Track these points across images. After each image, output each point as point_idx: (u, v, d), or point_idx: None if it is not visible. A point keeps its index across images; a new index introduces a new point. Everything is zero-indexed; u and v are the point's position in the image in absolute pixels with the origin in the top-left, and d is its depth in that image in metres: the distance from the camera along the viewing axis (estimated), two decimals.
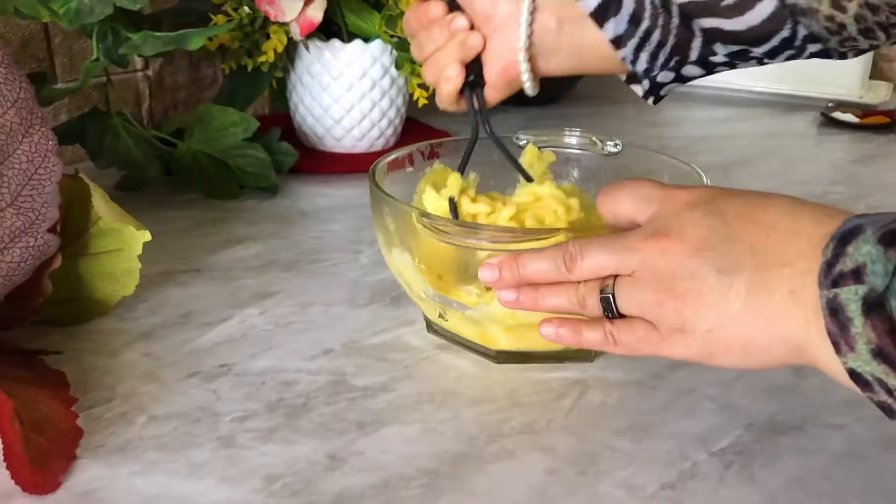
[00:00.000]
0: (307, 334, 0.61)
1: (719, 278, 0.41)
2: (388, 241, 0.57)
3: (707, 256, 0.41)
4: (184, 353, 0.58)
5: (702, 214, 0.43)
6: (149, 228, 0.79)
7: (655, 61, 0.57)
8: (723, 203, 0.43)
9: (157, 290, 0.67)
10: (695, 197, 0.44)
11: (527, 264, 0.47)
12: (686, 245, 0.42)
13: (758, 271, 0.40)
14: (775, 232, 0.41)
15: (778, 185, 0.96)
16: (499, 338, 0.55)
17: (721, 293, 0.41)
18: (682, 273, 0.42)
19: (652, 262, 0.43)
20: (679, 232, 0.43)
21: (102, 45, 0.82)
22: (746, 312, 0.41)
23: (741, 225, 0.42)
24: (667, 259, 0.42)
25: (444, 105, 0.60)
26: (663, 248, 0.42)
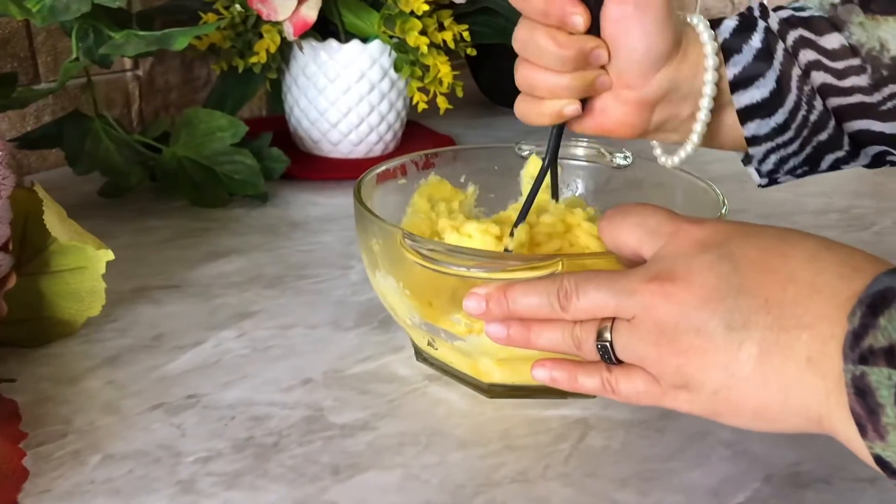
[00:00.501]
0: (285, 361, 0.56)
1: (728, 335, 0.36)
2: (372, 262, 0.53)
3: (715, 309, 0.36)
4: (150, 381, 0.53)
5: (713, 259, 0.38)
6: (127, 239, 0.75)
7: (783, 165, 0.52)
8: (738, 246, 0.38)
9: (129, 308, 0.62)
10: (707, 236, 0.39)
11: (517, 298, 0.42)
12: (693, 293, 0.37)
13: (772, 331, 0.35)
14: (793, 286, 0.36)
15: (798, 198, 0.91)
16: (491, 370, 0.50)
17: (730, 352, 0.36)
18: (686, 326, 0.37)
19: (654, 310, 0.38)
20: (686, 277, 0.37)
21: (83, 44, 0.78)
22: (758, 376, 0.36)
23: (756, 275, 0.37)
24: (670, 307, 0.37)
25: (528, 121, 0.50)
26: (667, 294, 0.37)
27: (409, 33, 0.85)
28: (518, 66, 0.48)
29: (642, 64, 0.47)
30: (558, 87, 0.47)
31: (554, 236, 0.54)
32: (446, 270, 0.44)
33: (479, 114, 1.19)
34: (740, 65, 0.49)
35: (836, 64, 0.48)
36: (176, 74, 1.04)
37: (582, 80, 0.47)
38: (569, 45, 0.46)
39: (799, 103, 0.49)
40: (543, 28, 0.46)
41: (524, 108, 0.50)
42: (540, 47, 0.46)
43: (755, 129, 0.50)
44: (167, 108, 1.03)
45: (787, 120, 0.50)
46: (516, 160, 0.65)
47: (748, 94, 0.49)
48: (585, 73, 0.47)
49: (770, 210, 0.87)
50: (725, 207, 0.53)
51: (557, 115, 0.48)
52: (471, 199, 0.65)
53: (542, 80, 0.47)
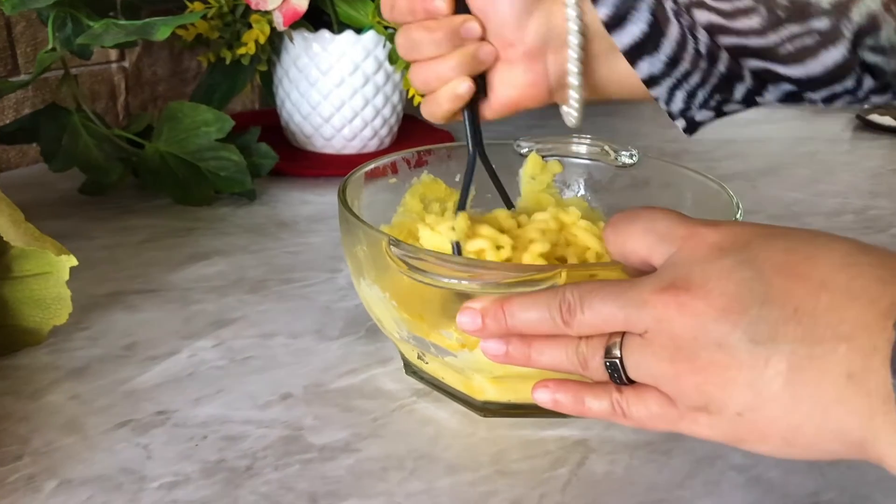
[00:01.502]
0: (264, 374, 0.52)
1: (753, 350, 0.32)
2: (357, 269, 0.49)
3: (738, 321, 0.33)
4: (118, 396, 0.49)
5: (733, 264, 0.34)
6: (106, 240, 0.72)
7: (693, 100, 0.48)
8: (760, 249, 0.34)
9: (102, 314, 0.59)
10: (725, 239, 0.35)
11: (515, 312, 0.38)
12: (711, 304, 0.33)
13: (804, 344, 0.32)
14: (827, 293, 0.32)
15: (811, 198, 0.86)
16: (485, 388, 0.47)
17: (755, 369, 0.32)
18: (705, 340, 0.33)
19: (668, 323, 0.34)
20: (702, 286, 0.34)
21: (60, 33, 0.74)
22: (788, 395, 0.32)
23: (783, 281, 0.33)
24: (686, 320, 0.33)
25: (437, 119, 0.51)
26: (682, 304, 0.34)
27: None
28: (410, 73, 0.50)
29: (511, 16, 0.47)
30: (445, 71, 0.48)
31: (547, 233, 0.50)
32: (435, 283, 0.40)
33: None
34: (609, 4, 0.46)
35: (722, 4, 0.44)
36: (164, 66, 1.00)
37: (463, 55, 0.47)
38: (438, 27, 0.47)
39: (684, 35, 0.46)
40: (415, 24, 0.48)
41: (427, 108, 0.50)
42: (416, 42, 0.48)
43: (648, 68, 0.47)
44: (155, 101, 1.00)
45: (676, 51, 0.46)
46: (515, 158, 0.61)
47: (627, 32, 0.46)
48: (465, 49, 0.47)
49: (782, 210, 0.83)
50: (740, 211, 0.49)
51: (454, 98, 0.48)
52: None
53: (430, 71, 0.48)
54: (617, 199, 0.61)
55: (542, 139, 0.62)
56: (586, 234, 0.50)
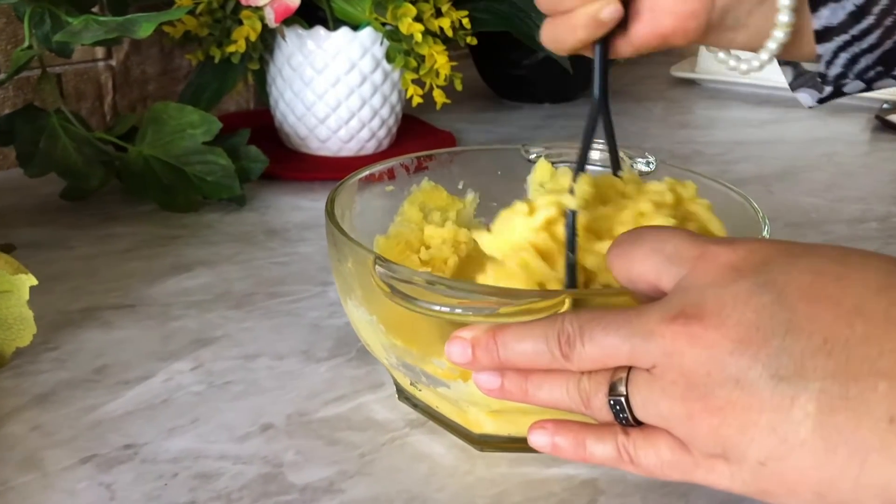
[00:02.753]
0: (244, 401, 0.48)
1: (776, 388, 0.28)
2: (344, 287, 0.45)
3: (757, 354, 0.28)
4: (84, 426, 0.45)
5: (750, 288, 0.30)
6: (85, 249, 0.67)
7: (853, 66, 0.42)
8: (782, 270, 0.30)
9: (73, 332, 0.54)
10: (740, 258, 0.31)
11: (508, 344, 0.34)
12: (726, 334, 0.29)
13: (836, 381, 0.27)
14: (862, 320, 0.28)
15: (831, 204, 0.82)
16: (482, 421, 0.42)
17: (780, 410, 0.28)
18: (720, 376, 0.29)
19: (678, 356, 0.30)
20: (716, 313, 0.29)
21: (39, 30, 0.70)
22: (819, 442, 0.28)
23: (809, 307, 0.29)
24: (698, 353, 0.29)
25: (563, 50, 0.41)
26: (693, 335, 0.29)
27: (402, 20, 0.77)
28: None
29: None
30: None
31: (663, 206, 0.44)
32: (421, 310, 0.36)
33: (482, 107, 1.11)
34: None
35: None
36: (154, 64, 0.96)
37: None
38: None
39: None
40: None
41: (551, 32, 0.40)
42: None
43: (828, 17, 0.40)
44: (144, 101, 0.95)
45: (866, 2, 0.40)
46: (522, 164, 0.57)
47: None
48: None
49: (800, 218, 0.79)
50: (767, 227, 0.44)
51: (594, 24, 0.39)
52: (470, 208, 0.57)
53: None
54: None
55: (552, 144, 0.57)
56: (707, 213, 0.45)
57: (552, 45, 0.41)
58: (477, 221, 0.58)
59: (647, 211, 0.42)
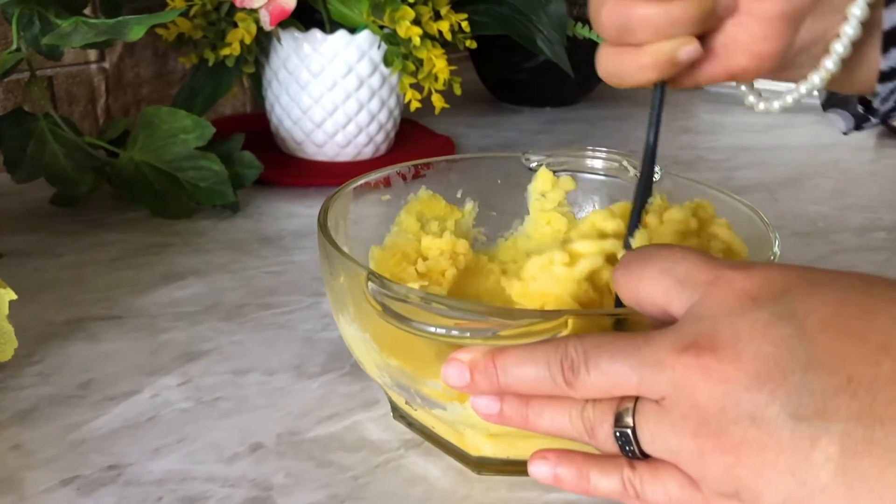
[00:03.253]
0: (233, 419, 0.46)
1: (795, 428, 0.26)
2: (336, 302, 0.43)
3: (775, 391, 0.27)
4: (66, 445, 0.44)
5: (768, 318, 0.28)
6: (73, 257, 0.66)
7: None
8: (802, 300, 0.28)
9: (59, 345, 0.53)
10: (758, 286, 0.29)
11: (509, 368, 0.32)
12: (742, 368, 0.27)
13: (860, 423, 0.26)
14: (889, 358, 0.26)
15: (837, 213, 0.80)
16: (480, 443, 0.41)
17: (799, 452, 0.26)
18: (735, 412, 0.27)
19: (689, 389, 0.28)
20: (731, 345, 0.28)
21: (27, 32, 0.68)
22: (842, 487, 0.26)
23: (832, 341, 0.27)
24: (712, 387, 0.28)
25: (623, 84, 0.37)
26: (706, 368, 0.28)
27: (400, 23, 0.76)
28: (603, 4, 0.34)
29: None
30: (669, 23, 0.33)
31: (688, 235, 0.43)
32: (416, 332, 0.34)
33: (482, 111, 1.10)
34: None
35: None
36: (148, 67, 0.94)
37: (699, 5, 0.33)
38: None
39: None
40: None
41: (615, 63, 0.35)
42: None
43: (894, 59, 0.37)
44: (138, 104, 0.94)
45: None
46: (523, 172, 0.56)
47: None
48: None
49: (807, 227, 0.77)
50: (777, 241, 0.43)
51: (668, 65, 0.34)
52: (468, 218, 0.56)
53: (642, 16, 0.33)
54: None
55: (554, 152, 0.56)
56: (729, 233, 0.43)
57: (611, 79, 0.36)
58: (476, 231, 0.56)
59: (673, 241, 0.40)
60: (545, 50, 0.85)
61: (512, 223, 0.56)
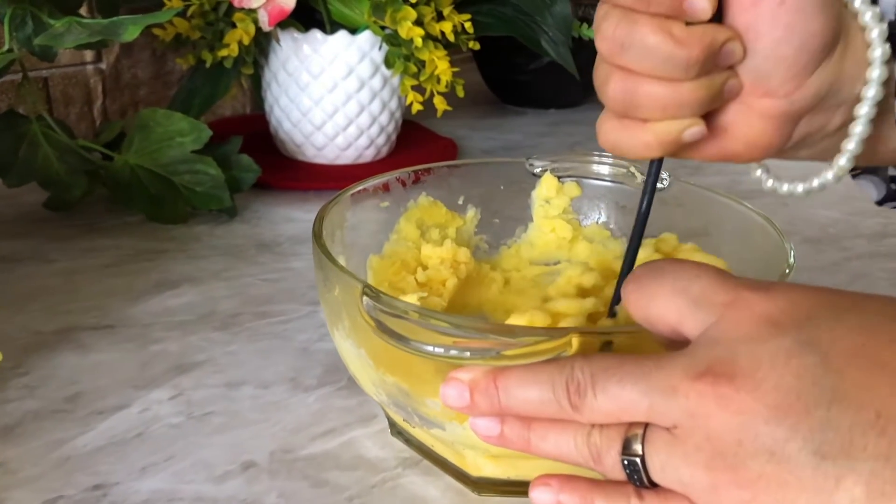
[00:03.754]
0: (225, 435, 0.44)
1: (819, 466, 0.25)
2: (331, 315, 0.41)
3: (797, 426, 0.25)
4: (51, 463, 0.42)
5: (791, 347, 0.26)
6: (65, 263, 0.64)
7: None
8: (827, 327, 0.26)
9: (46, 356, 0.51)
10: (780, 310, 0.27)
11: (511, 389, 0.31)
12: (761, 399, 0.26)
13: (889, 463, 0.24)
14: None
15: (849, 218, 0.78)
16: (480, 464, 0.39)
17: (822, 492, 0.25)
18: (753, 446, 0.25)
19: (704, 419, 0.26)
20: (750, 374, 0.26)
21: (20, 33, 0.66)
22: None
23: (859, 373, 0.25)
24: (728, 418, 0.26)
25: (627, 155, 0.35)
26: (722, 398, 0.26)
27: (402, 23, 0.74)
28: (609, 76, 0.33)
29: (795, 61, 0.32)
30: (675, 103, 0.32)
31: None
32: (413, 351, 0.32)
33: (485, 113, 1.08)
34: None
35: None
36: (146, 68, 0.93)
37: (708, 88, 0.32)
38: (692, 42, 0.31)
39: None
40: (648, 18, 0.31)
41: (618, 136, 0.34)
42: (647, 47, 0.31)
43: None
44: (136, 106, 0.92)
45: None
46: (527, 177, 0.54)
47: None
48: (712, 78, 0.32)
49: (818, 233, 0.75)
50: (792, 254, 0.41)
51: (673, 144, 0.33)
52: (470, 225, 0.54)
53: (650, 94, 0.32)
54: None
55: (559, 157, 0.54)
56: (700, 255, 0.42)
57: (612, 150, 0.35)
58: (478, 239, 0.55)
59: None
60: (550, 51, 0.84)
61: (515, 230, 0.55)
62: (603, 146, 0.35)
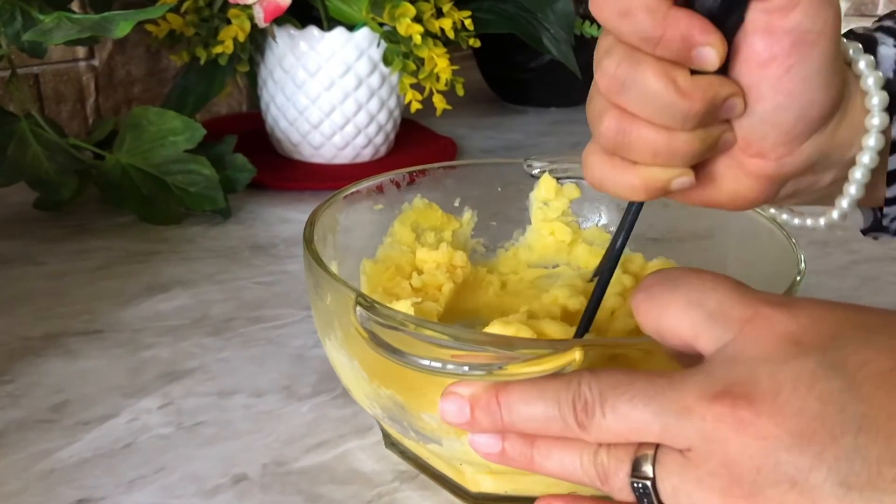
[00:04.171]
0: (216, 447, 0.43)
1: (844, 498, 0.23)
2: (323, 325, 0.40)
3: (822, 454, 0.23)
4: (33, 477, 0.40)
5: (816, 369, 0.25)
6: (55, 265, 0.62)
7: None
8: (854, 348, 0.25)
9: (32, 362, 0.50)
10: (802, 328, 0.26)
11: (514, 405, 0.29)
12: (783, 424, 0.24)
13: None
14: None
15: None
16: (479, 480, 0.37)
17: None
18: (774, 474, 0.24)
19: (720, 444, 0.25)
20: (772, 397, 0.24)
21: (9, 28, 0.65)
22: None
23: (890, 400, 0.24)
24: (747, 443, 0.24)
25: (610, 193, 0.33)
26: (741, 421, 0.24)
27: (401, 20, 0.72)
28: (604, 113, 0.32)
29: (791, 130, 0.31)
30: (668, 151, 0.31)
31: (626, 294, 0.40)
32: (409, 365, 0.30)
33: (485, 112, 1.06)
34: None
35: None
36: (140, 65, 0.91)
37: (703, 140, 0.31)
38: (695, 94, 0.30)
39: None
40: (652, 62, 0.30)
41: (605, 174, 0.33)
42: (648, 92, 0.30)
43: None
44: (129, 103, 0.91)
45: None
46: (525, 179, 0.52)
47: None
48: (708, 131, 0.31)
49: (825, 236, 0.73)
50: (802, 263, 0.39)
51: (660, 191, 0.32)
52: (467, 228, 0.53)
53: (644, 138, 0.31)
54: (645, 230, 0.51)
55: (557, 158, 0.52)
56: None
57: (596, 185, 0.34)
58: (475, 242, 0.53)
59: (617, 305, 0.39)
60: (551, 49, 0.82)
61: (513, 233, 0.53)
62: (587, 179, 0.34)
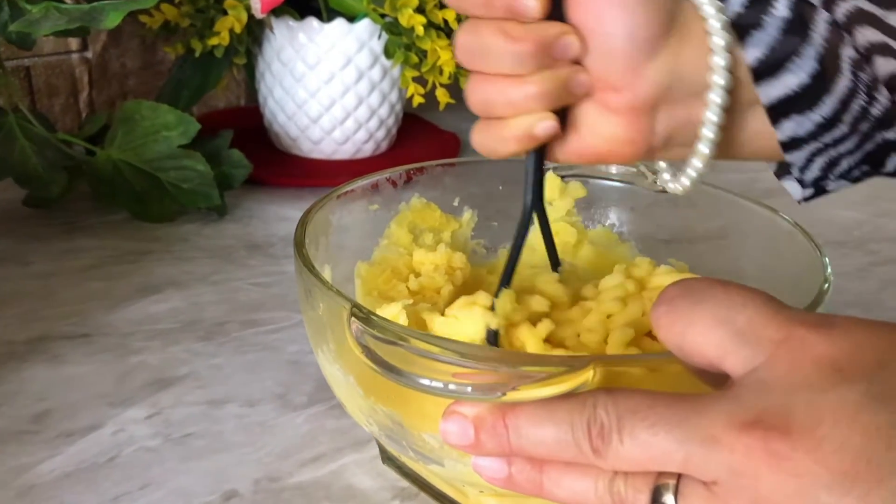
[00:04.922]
0: (206, 461, 0.41)
1: None
2: (316, 336, 0.37)
3: (867, 497, 0.21)
4: (12, 493, 0.38)
5: (860, 400, 0.22)
6: (43, 266, 0.60)
7: (833, 169, 0.37)
8: None
9: (16, 368, 0.47)
10: (844, 354, 0.24)
11: (523, 428, 0.27)
12: (823, 461, 0.22)
13: None
14: None
15: (874, 219, 0.75)
16: (483, 501, 0.35)
17: None
18: None
19: (752, 479, 0.23)
20: (810, 430, 0.22)
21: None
22: None
23: None
24: (782, 480, 0.22)
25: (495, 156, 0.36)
26: (775, 455, 0.22)
27: (402, 11, 0.70)
28: (468, 87, 0.35)
29: (626, 54, 0.33)
30: (522, 98, 0.34)
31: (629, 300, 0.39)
32: (407, 384, 0.28)
33: None
34: (764, 44, 0.34)
35: None
36: (134, 57, 0.88)
37: (551, 81, 0.34)
38: (525, 37, 0.33)
39: (855, 90, 0.34)
40: (489, 22, 0.33)
41: (482, 137, 0.36)
42: (489, 48, 0.33)
43: (793, 129, 0.35)
44: (124, 97, 0.88)
45: (837, 111, 0.34)
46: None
47: (781, 83, 0.34)
48: (555, 72, 0.34)
49: (841, 235, 0.71)
50: (828, 268, 0.37)
51: (527, 138, 0.35)
52: (466, 229, 0.51)
53: (499, 93, 0.34)
54: (655, 231, 0.49)
55: None
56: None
57: (482, 149, 0.36)
58: (475, 243, 0.51)
59: (615, 310, 0.37)
60: None
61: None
62: (476, 149, 0.36)
